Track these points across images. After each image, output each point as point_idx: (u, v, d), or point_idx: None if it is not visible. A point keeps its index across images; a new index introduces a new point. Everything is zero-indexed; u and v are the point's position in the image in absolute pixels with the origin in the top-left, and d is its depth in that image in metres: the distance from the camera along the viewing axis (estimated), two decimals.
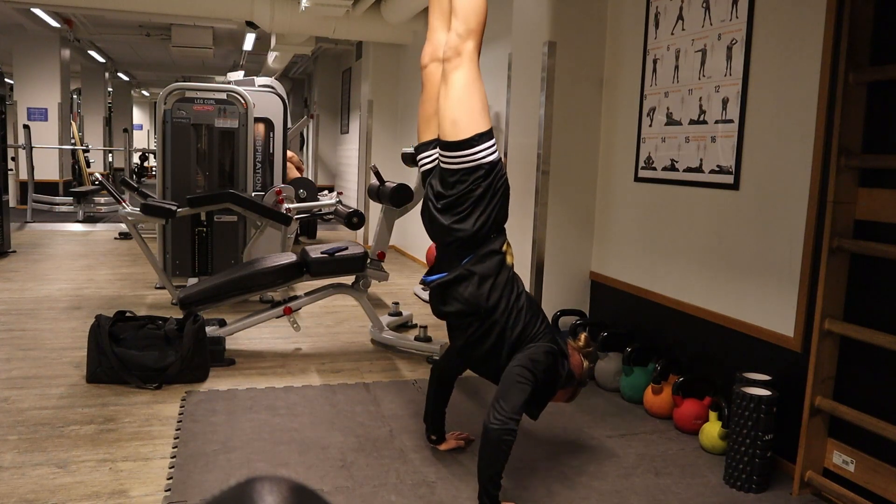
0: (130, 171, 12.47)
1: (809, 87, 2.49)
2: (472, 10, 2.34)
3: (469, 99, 2.30)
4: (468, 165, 2.28)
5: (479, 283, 2.28)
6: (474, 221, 2.29)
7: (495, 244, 2.33)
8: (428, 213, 2.42)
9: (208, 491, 2.27)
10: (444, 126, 2.31)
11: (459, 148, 2.28)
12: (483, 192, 2.29)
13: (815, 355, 2.36)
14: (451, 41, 2.33)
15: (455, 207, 2.31)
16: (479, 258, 2.31)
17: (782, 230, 2.62)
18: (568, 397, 2.50)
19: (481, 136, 2.28)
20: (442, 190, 2.35)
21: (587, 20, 3.73)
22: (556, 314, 3.77)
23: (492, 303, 2.28)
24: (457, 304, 2.32)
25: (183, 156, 5.00)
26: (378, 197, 4.32)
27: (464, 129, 2.28)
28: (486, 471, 2.12)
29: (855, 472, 2.28)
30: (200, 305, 3.64)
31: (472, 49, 2.33)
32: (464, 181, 2.29)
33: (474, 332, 2.33)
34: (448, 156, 2.32)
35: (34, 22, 9.59)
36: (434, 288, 2.38)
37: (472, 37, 2.33)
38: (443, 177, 2.36)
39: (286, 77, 14.11)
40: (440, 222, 2.35)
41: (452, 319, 2.41)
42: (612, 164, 3.74)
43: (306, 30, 7.20)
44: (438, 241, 2.43)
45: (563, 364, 2.37)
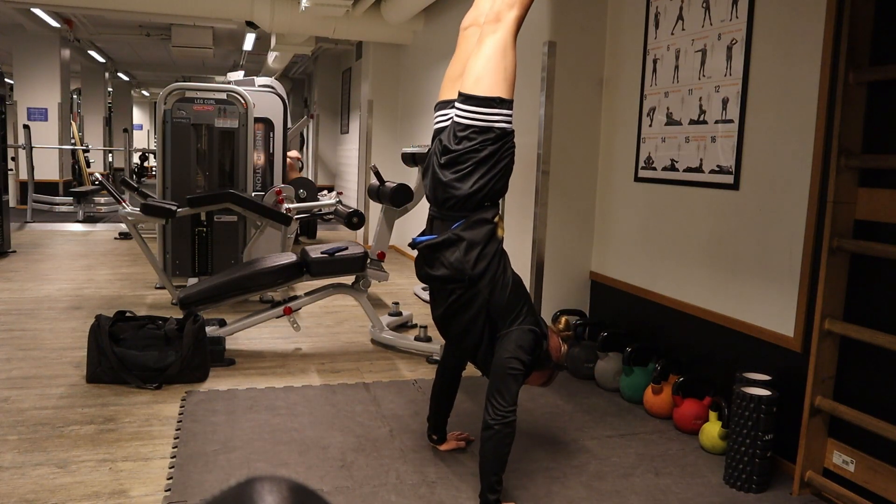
0: (130, 171, 12.47)
1: (809, 87, 2.49)
2: None
3: (498, 62, 2.28)
4: (481, 124, 2.26)
5: (466, 249, 2.26)
6: (472, 183, 2.27)
7: (487, 213, 2.31)
8: (429, 168, 2.40)
9: (208, 491, 2.27)
10: (467, 80, 2.29)
11: (477, 103, 2.26)
12: (487, 156, 2.26)
13: (815, 355, 2.36)
14: (496, 6, 2.31)
15: (457, 164, 2.29)
16: (470, 224, 2.28)
17: (782, 230, 2.62)
18: (544, 381, 2.47)
19: (501, 102, 2.26)
20: (448, 144, 2.33)
21: (587, 20, 3.74)
22: (556, 314, 3.77)
23: (477, 271, 2.25)
24: (442, 269, 2.29)
25: (183, 156, 5.00)
26: (378, 197, 4.32)
27: (485, 88, 2.25)
28: (491, 467, 2.13)
29: (855, 472, 2.28)
30: (200, 305, 3.64)
31: (514, 19, 2.30)
32: (472, 139, 2.27)
33: (456, 299, 2.30)
34: (464, 109, 2.29)
35: (34, 22, 9.59)
36: (421, 250, 2.35)
37: (517, 7, 2.30)
38: (454, 131, 2.33)
39: (286, 77, 14.11)
40: (439, 177, 2.33)
41: (436, 284, 2.37)
42: (612, 164, 3.74)
43: (306, 30, 7.20)
44: (434, 198, 2.40)
45: (541, 344, 2.35)
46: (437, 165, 2.35)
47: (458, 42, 2.57)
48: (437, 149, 2.39)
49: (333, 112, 11.78)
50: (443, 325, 2.43)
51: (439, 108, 2.50)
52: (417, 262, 2.41)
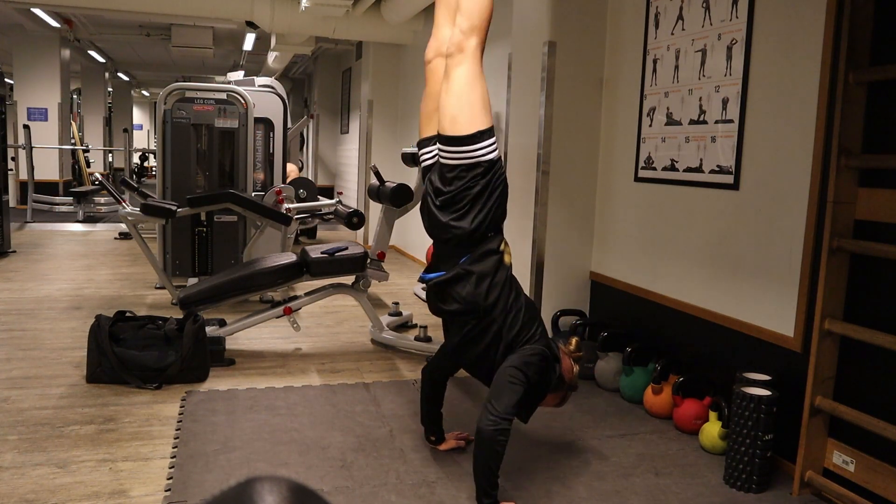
0: (130, 171, 12.47)
1: (809, 87, 2.49)
2: (477, 7, 2.33)
3: (470, 95, 2.30)
4: (467, 162, 2.27)
5: (477, 282, 2.28)
6: (472, 219, 2.28)
7: (493, 243, 2.33)
8: (427, 209, 2.42)
9: (208, 491, 2.27)
10: (444, 121, 2.31)
11: (459, 143, 2.27)
12: (481, 190, 2.28)
13: (815, 355, 2.36)
14: (455, 37, 2.32)
15: (453, 204, 2.31)
16: (477, 257, 2.30)
17: (782, 230, 2.62)
18: (558, 402, 2.49)
19: (482, 133, 2.27)
20: (441, 186, 2.34)
21: (587, 20, 3.73)
22: (556, 314, 3.77)
23: (490, 301, 2.28)
24: (455, 304, 2.32)
25: (183, 156, 5.00)
26: (378, 197, 4.32)
27: (464, 125, 2.27)
28: (482, 471, 2.12)
29: (855, 472, 2.28)
30: (200, 305, 3.64)
31: (476, 46, 2.32)
32: (462, 177, 2.28)
33: (471, 330, 2.33)
34: (447, 151, 2.31)
35: (34, 22, 9.59)
36: (432, 286, 2.38)
37: (476, 33, 2.32)
38: (442, 172, 2.35)
39: (286, 77, 14.11)
40: (438, 219, 2.34)
41: (450, 317, 2.40)
42: (612, 164, 3.74)
43: (306, 30, 7.20)
44: (436, 237, 2.42)
45: (554, 368, 2.37)
46: (433, 207, 2.37)
47: (426, 76, 2.59)
48: (429, 190, 2.41)
49: (333, 112, 11.78)
50: (458, 354, 2.45)
51: (422, 146, 2.53)
52: (429, 298, 2.43)
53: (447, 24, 2.54)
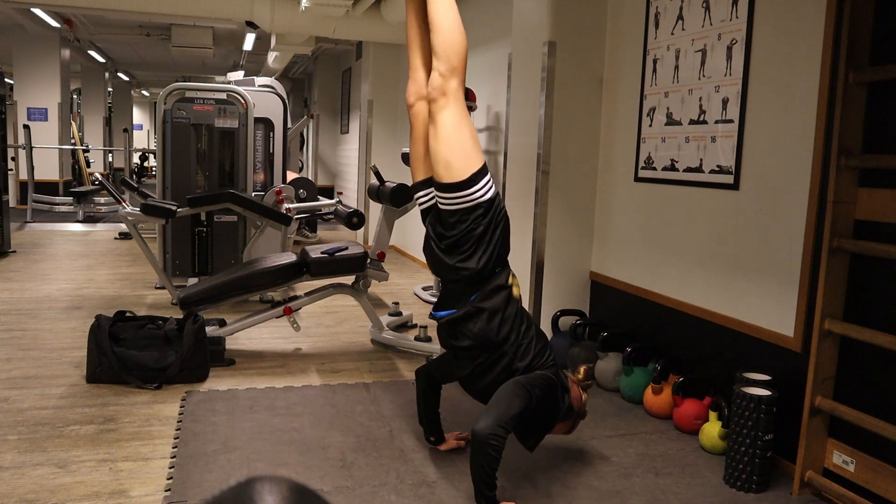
0: (130, 171, 12.47)
1: (809, 87, 2.49)
2: (453, 49, 2.36)
3: (459, 138, 2.32)
4: (466, 206, 2.30)
5: (488, 318, 2.30)
6: (478, 259, 2.31)
7: (501, 279, 2.35)
8: (431, 252, 2.44)
9: (208, 491, 2.27)
10: (438, 169, 2.33)
11: (456, 189, 2.30)
12: (484, 230, 2.31)
13: (815, 355, 2.36)
14: (435, 81, 2.35)
15: (458, 247, 2.33)
16: (487, 294, 2.33)
17: (782, 230, 2.62)
18: (567, 430, 2.52)
19: (476, 175, 2.30)
20: (443, 231, 2.37)
21: (587, 20, 3.73)
22: (556, 314, 3.77)
23: (502, 336, 2.30)
24: (467, 340, 2.34)
25: (183, 156, 5.00)
26: (378, 197, 4.32)
27: (458, 171, 2.29)
28: (477, 474, 2.13)
29: (855, 472, 2.28)
30: (200, 305, 3.64)
31: (457, 87, 2.35)
32: (464, 220, 2.31)
33: (482, 362, 2.34)
34: (445, 197, 2.33)
35: (34, 22, 9.58)
36: (443, 324, 2.40)
37: (456, 75, 2.35)
38: (442, 218, 2.37)
39: (286, 77, 14.11)
40: (445, 262, 2.37)
41: (463, 353, 2.41)
42: (612, 164, 3.74)
43: (306, 30, 7.20)
44: (444, 278, 2.45)
45: (563, 398, 2.38)
46: (437, 250, 2.40)
47: (410, 120, 2.62)
48: (431, 234, 2.43)
49: (333, 112, 11.78)
50: (467, 384, 2.46)
51: (417, 190, 2.55)
52: (440, 335, 2.45)
53: (423, 67, 2.58)
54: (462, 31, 2.40)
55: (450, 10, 2.39)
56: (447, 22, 2.37)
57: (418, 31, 2.57)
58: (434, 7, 2.40)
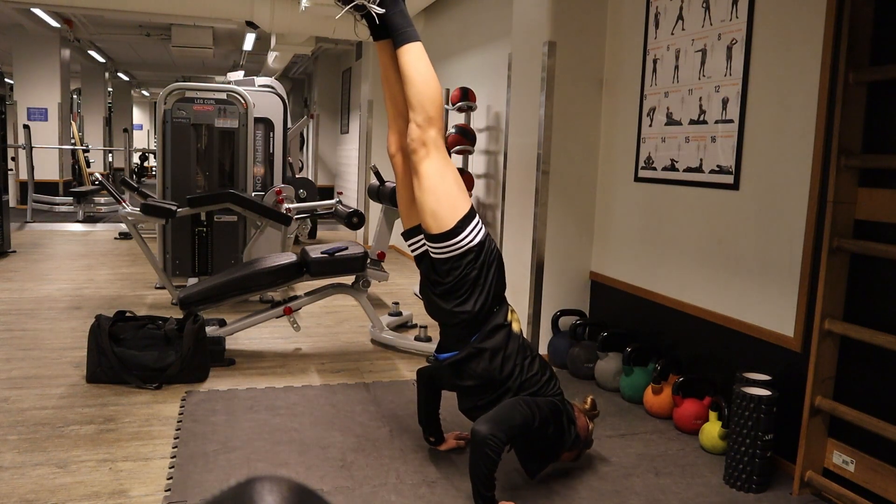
0: (130, 171, 12.47)
1: (809, 87, 2.49)
2: (428, 99, 2.37)
3: (444, 187, 2.33)
4: (457, 253, 2.32)
5: (490, 358, 2.31)
6: (474, 303, 2.32)
7: (499, 317, 2.36)
8: (427, 297, 2.47)
9: (208, 491, 2.27)
10: (426, 219, 2.35)
11: (445, 238, 2.31)
12: (478, 274, 2.33)
13: (815, 355, 2.36)
14: (413, 133, 2.36)
15: (454, 292, 2.35)
16: (487, 334, 2.34)
17: (782, 230, 2.62)
18: (573, 458, 2.53)
19: (463, 221, 2.31)
20: (438, 278, 2.39)
21: (587, 20, 3.74)
22: (556, 314, 3.77)
23: (506, 373, 2.31)
24: (471, 380, 2.35)
25: (183, 156, 5.00)
26: (378, 197, 4.32)
27: (445, 220, 2.31)
28: (476, 473, 2.13)
29: (855, 472, 2.28)
30: (200, 305, 3.64)
31: (436, 136, 2.36)
32: (457, 267, 2.33)
33: (486, 397, 2.35)
34: (435, 247, 2.35)
35: (34, 22, 9.59)
36: (446, 366, 2.41)
37: (433, 124, 2.36)
38: (435, 267, 2.40)
39: (286, 77, 14.11)
40: (442, 308, 2.39)
41: (467, 392, 2.42)
42: (612, 164, 3.74)
43: (306, 30, 7.20)
44: (441, 322, 2.47)
45: (569, 429, 2.39)
46: (434, 296, 2.42)
47: (394, 170, 2.63)
48: (426, 281, 2.45)
49: (333, 112, 11.78)
50: (470, 416, 2.46)
51: (408, 237, 2.56)
52: (444, 376, 2.46)
53: (400, 116, 2.57)
54: (435, 80, 2.42)
55: (420, 61, 2.40)
56: (419, 74, 2.38)
57: (392, 83, 2.57)
58: (404, 59, 2.41)
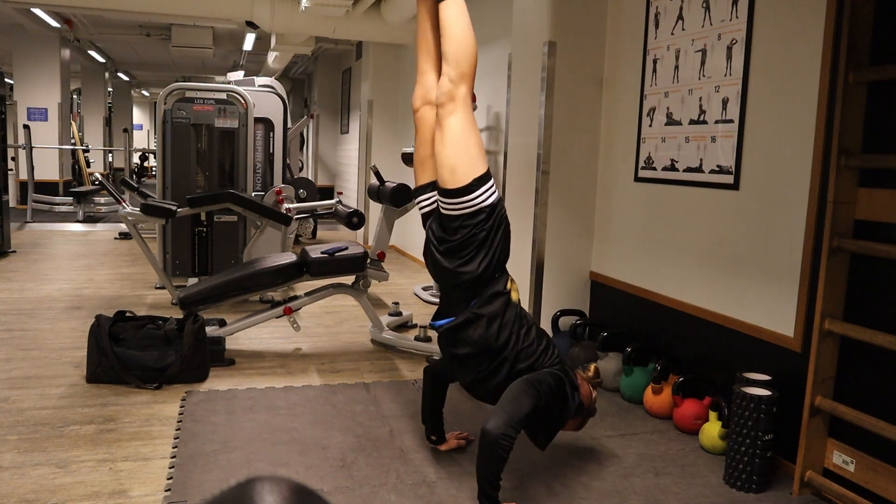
0: (130, 171, 12.47)
1: (809, 87, 2.49)
2: (464, 55, 2.36)
3: (466, 143, 2.32)
4: (469, 210, 2.31)
5: (487, 324, 2.31)
6: (479, 264, 2.31)
7: (499, 284, 2.36)
8: (431, 256, 2.44)
9: (208, 491, 2.27)
10: (443, 173, 2.33)
11: (459, 195, 2.30)
12: (486, 235, 2.31)
13: (815, 355, 2.36)
14: (444, 86, 2.35)
15: (459, 251, 2.34)
16: (486, 300, 2.33)
17: (782, 230, 2.62)
18: (577, 426, 2.53)
19: (480, 180, 2.30)
20: (444, 235, 2.37)
21: (587, 20, 3.73)
22: (556, 314, 3.77)
23: (501, 342, 2.31)
24: (467, 347, 2.34)
25: (183, 156, 5.00)
26: (378, 197, 4.32)
27: (462, 176, 2.29)
28: (484, 473, 2.12)
29: (855, 471, 2.28)
30: (200, 305, 3.64)
31: (465, 93, 2.35)
32: (466, 226, 2.31)
33: (484, 369, 2.35)
34: (448, 202, 2.34)
35: (34, 22, 9.58)
36: (443, 333, 2.41)
37: (465, 81, 2.35)
38: (443, 222, 2.38)
39: (286, 77, 14.11)
40: (444, 266, 2.37)
41: (463, 361, 2.42)
42: (612, 164, 3.74)
43: (306, 30, 7.20)
44: (444, 283, 2.45)
45: (573, 396, 2.38)
46: (437, 253, 2.40)
47: (416, 124, 2.61)
48: (432, 237, 2.43)
49: (333, 112, 11.78)
50: (472, 389, 2.46)
51: (419, 193, 2.55)
52: (441, 344, 2.45)
53: (431, 71, 2.56)
54: (473, 38, 2.40)
55: (462, 17, 2.39)
56: (459, 29, 2.37)
57: (429, 36, 2.55)
58: (446, 13, 2.39)
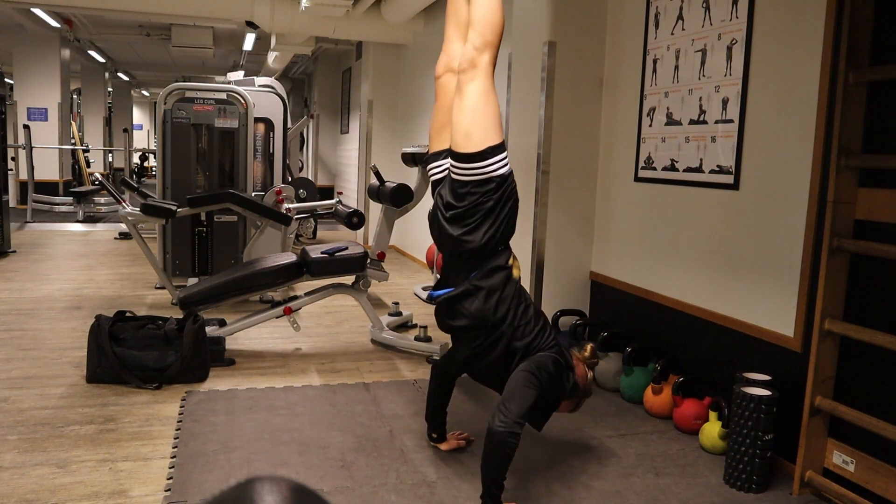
0: (130, 171, 12.47)
1: (809, 87, 2.49)
2: (490, 23, 2.34)
3: (483, 111, 2.30)
4: (479, 178, 2.29)
5: (485, 297, 2.30)
6: (483, 234, 2.30)
7: (501, 259, 2.35)
8: (437, 222, 2.43)
9: (208, 491, 2.27)
10: (457, 137, 2.31)
11: (471, 160, 2.28)
12: (493, 205, 2.30)
13: (815, 355, 2.36)
14: (468, 53, 2.33)
15: (464, 219, 2.32)
16: (486, 273, 2.32)
17: (782, 230, 2.62)
18: (572, 408, 2.52)
19: (494, 149, 2.29)
20: (452, 201, 2.35)
21: (587, 20, 3.73)
22: (556, 314, 3.77)
23: (499, 316, 2.30)
24: (464, 319, 2.33)
25: (183, 156, 5.00)
26: (378, 197, 4.32)
27: (476, 142, 2.28)
28: (490, 473, 2.12)
29: (855, 472, 2.28)
30: (200, 305, 3.64)
31: (488, 61, 2.33)
32: (474, 193, 2.30)
33: (480, 343, 2.34)
34: (459, 167, 2.32)
35: (34, 22, 9.59)
36: (441, 303, 2.39)
37: (489, 49, 2.32)
38: (453, 187, 2.36)
39: (286, 77, 14.11)
40: (448, 233, 2.36)
41: (459, 333, 2.41)
42: (612, 164, 3.74)
43: (306, 30, 7.20)
44: (447, 251, 2.44)
45: (568, 376, 2.38)
46: (443, 220, 2.38)
47: (436, 91, 2.60)
48: (440, 204, 2.42)
49: (333, 112, 11.78)
50: (468, 366, 2.46)
51: (431, 161, 2.53)
52: (438, 314, 2.44)
53: (457, 40, 2.54)
54: (501, 9, 2.37)
55: None
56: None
57: (459, 4, 2.52)
58: None
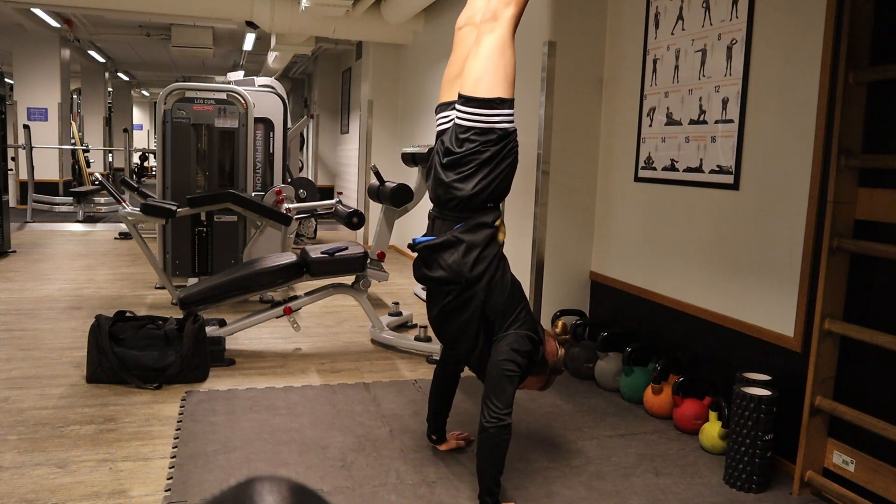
0: (130, 171, 12.47)
1: (809, 86, 2.49)
2: None
3: (497, 61, 2.26)
4: (482, 125, 2.25)
5: (465, 251, 2.25)
6: (475, 184, 2.25)
7: (489, 217, 2.30)
8: (433, 169, 2.39)
9: (208, 491, 2.27)
10: (467, 82, 2.28)
11: (477, 105, 2.24)
12: (490, 157, 2.25)
13: (815, 355, 2.36)
14: (493, 4, 2.29)
15: (459, 165, 2.28)
16: (471, 227, 2.27)
17: (782, 230, 2.62)
18: (541, 385, 2.47)
19: (502, 102, 2.25)
20: (451, 146, 2.32)
21: (587, 20, 3.74)
22: (556, 314, 3.77)
23: (475, 274, 2.24)
24: (440, 271, 2.28)
25: (183, 156, 5.00)
26: (378, 197, 4.32)
27: (485, 89, 2.24)
28: (488, 470, 2.12)
29: (855, 472, 2.28)
30: (200, 305, 3.64)
31: (511, 16, 2.29)
32: (474, 140, 2.26)
33: (452, 301, 2.29)
34: (464, 111, 2.28)
35: (34, 22, 9.58)
36: (420, 251, 2.34)
37: (514, 5, 2.29)
38: (455, 133, 2.32)
39: (286, 77, 14.11)
40: (441, 178, 2.32)
41: (433, 285, 2.36)
42: (612, 164, 3.74)
43: (306, 30, 7.20)
44: (437, 198, 2.39)
45: (537, 350, 2.34)
46: (439, 165, 2.34)
47: (455, 42, 2.56)
48: (439, 149, 2.38)
49: (333, 112, 11.78)
50: (438, 326, 2.42)
51: (440, 111, 2.49)
52: (416, 263, 2.40)
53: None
54: None
55: None
56: None
57: None
58: None
